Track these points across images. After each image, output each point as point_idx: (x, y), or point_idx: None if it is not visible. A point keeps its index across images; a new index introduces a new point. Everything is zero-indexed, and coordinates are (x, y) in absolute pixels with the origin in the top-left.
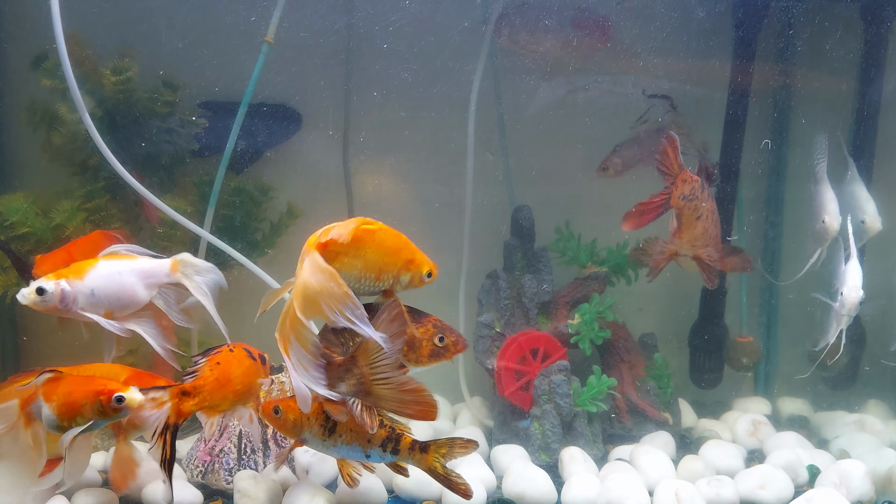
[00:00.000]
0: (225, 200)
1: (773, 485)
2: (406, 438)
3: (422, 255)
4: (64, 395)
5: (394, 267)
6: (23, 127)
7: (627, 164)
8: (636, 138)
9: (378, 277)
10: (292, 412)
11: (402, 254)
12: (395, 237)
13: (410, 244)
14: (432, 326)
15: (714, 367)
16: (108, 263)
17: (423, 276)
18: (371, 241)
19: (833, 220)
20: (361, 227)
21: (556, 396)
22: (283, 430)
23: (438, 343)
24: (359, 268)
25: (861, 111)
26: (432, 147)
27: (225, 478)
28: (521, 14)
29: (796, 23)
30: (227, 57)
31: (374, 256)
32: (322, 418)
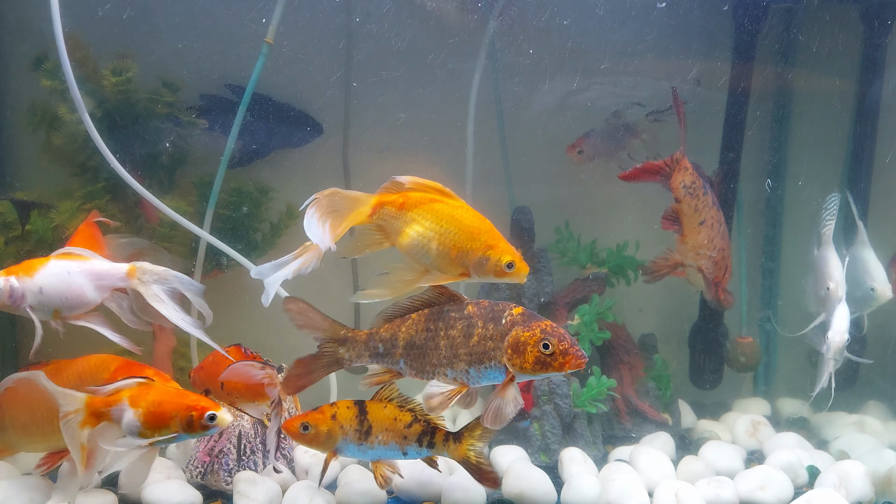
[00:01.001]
0: (224, 201)
1: (772, 485)
2: (440, 430)
3: (506, 244)
4: (154, 404)
5: (471, 246)
6: (23, 128)
7: (597, 151)
8: (608, 129)
9: (455, 255)
10: (323, 423)
11: (483, 236)
12: (478, 219)
13: (496, 232)
14: (539, 332)
15: (714, 368)
16: (59, 263)
17: (504, 265)
18: (446, 212)
19: (839, 288)
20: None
21: (555, 397)
22: (314, 445)
23: (543, 350)
24: (433, 237)
25: (861, 112)
26: (432, 147)
27: (224, 478)
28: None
29: (796, 24)
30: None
31: (450, 227)
32: (356, 422)
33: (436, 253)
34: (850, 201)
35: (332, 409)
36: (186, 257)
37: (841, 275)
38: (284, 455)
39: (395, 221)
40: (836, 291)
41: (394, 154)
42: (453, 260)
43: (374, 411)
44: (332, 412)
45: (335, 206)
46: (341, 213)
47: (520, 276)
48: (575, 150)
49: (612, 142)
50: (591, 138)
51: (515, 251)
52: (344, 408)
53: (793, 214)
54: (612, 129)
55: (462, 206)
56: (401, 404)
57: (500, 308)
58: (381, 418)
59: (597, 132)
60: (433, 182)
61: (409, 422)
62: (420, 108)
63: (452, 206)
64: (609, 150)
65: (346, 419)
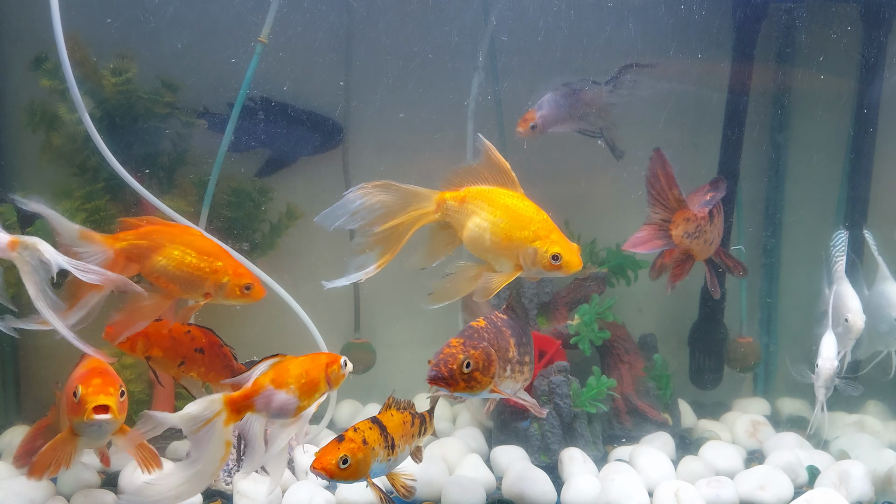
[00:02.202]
0: (224, 201)
1: (772, 485)
2: (425, 414)
3: (558, 236)
4: (302, 376)
5: (521, 235)
6: (22, 128)
7: (551, 123)
8: (559, 99)
9: (506, 245)
10: (359, 451)
11: (532, 225)
12: (531, 209)
13: (549, 223)
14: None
15: (714, 368)
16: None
17: (549, 258)
18: (500, 202)
19: (857, 318)
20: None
21: (555, 397)
22: (353, 476)
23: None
24: (487, 227)
25: (861, 112)
26: (432, 147)
27: (224, 478)
28: None
29: (796, 23)
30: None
31: (502, 217)
32: (383, 440)
33: (489, 243)
34: (868, 241)
35: (360, 435)
36: None
37: (858, 305)
38: None
39: (458, 215)
40: (856, 323)
41: (393, 153)
42: (505, 251)
43: (390, 423)
44: (360, 438)
45: (390, 202)
46: (396, 210)
47: (566, 269)
48: (528, 125)
49: (565, 112)
50: (542, 110)
51: (569, 244)
52: (367, 429)
53: (793, 214)
54: (563, 99)
55: (517, 196)
56: (398, 407)
57: None
58: (396, 427)
59: (547, 103)
60: (502, 162)
61: (412, 420)
62: (420, 107)
63: (507, 196)
64: (564, 121)
65: (375, 441)
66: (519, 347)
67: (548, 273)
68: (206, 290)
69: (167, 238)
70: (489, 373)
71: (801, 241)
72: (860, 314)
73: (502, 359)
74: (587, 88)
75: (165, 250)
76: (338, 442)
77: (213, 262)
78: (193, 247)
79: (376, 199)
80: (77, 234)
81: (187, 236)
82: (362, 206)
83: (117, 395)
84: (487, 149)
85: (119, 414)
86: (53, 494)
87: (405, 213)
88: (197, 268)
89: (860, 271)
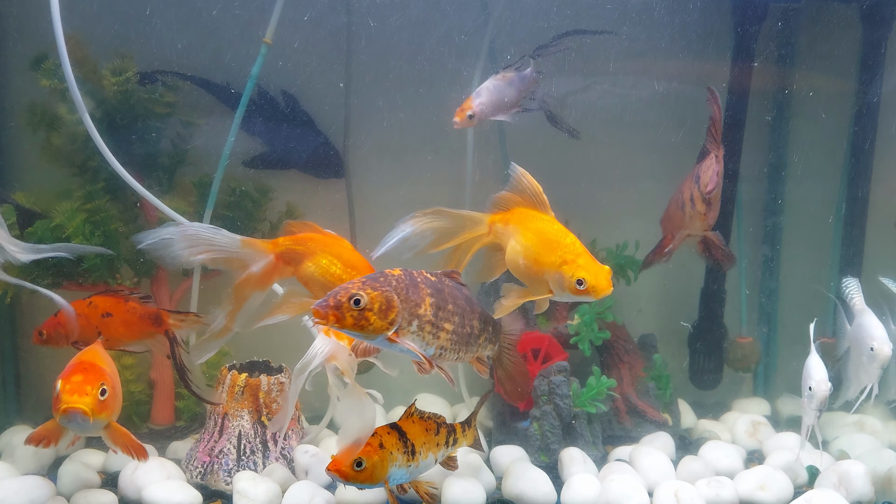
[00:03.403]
0: (224, 201)
1: (772, 485)
2: (457, 425)
3: (585, 260)
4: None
5: (549, 259)
6: (22, 128)
7: (489, 111)
8: (496, 85)
9: (536, 269)
10: (375, 454)
11: (559, 250)
12: (562, 233)
13: (578, 247)
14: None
15: (713, 368)
16: None
17: (574, 282)
18: (533, 226)
19: (883, 345)
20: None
21: (555, 397)
22: (369, 480)
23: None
24: (521, 251)
25: (861, 112)
26: (432, 147)
27: (224, 478)
28: None
29: (796, 24)
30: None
31: (532, 240)
32: (401, 445)
33: (523, 267)
34: (888, 285)
35: (376, 439)
36: None
37: (883, 333)
38: (284, 455)
39: (504, 238)
40: (881, 350)
41: (393, 153)
42: (536, 274)
43: (411, 429)
44: (377, 441)
45: (442, 228)
46: (449, 235)
47: (593, 294)
48: (465, 114)
49: (505, 96)
50: (481, 97)
51: (597, 267)
52: (385, 434)
53: (793, 214)
54: (503, 84)
55: (547, 220)
56: (422, 415)
57: None
58: (417, 434)
59: (486, 90)
60: (534, 186)
61: (436, 429)
62: (420, 107)
63: (538, 219)
64: (504, 107)
65: (392, 445)
66: (439, 311)
67: (577, 297)
68: None
69: (320, 246)
70: (386, 318)
71: (801, 241)
72: (886, 341)
73: (408, 311)
74: (526, 70)
75: (316, 258)
76: (354, 445)
77: (354, 277)
78: (341, 258)
79: (428, 226)
80: (239, 242)
81: (338, 247)
82: (413, 234)
83: (95, 394)
84: (520, 174)
85: (99, 412)
86: (54, 495)
87: (460, 237)
88: (339, 278)
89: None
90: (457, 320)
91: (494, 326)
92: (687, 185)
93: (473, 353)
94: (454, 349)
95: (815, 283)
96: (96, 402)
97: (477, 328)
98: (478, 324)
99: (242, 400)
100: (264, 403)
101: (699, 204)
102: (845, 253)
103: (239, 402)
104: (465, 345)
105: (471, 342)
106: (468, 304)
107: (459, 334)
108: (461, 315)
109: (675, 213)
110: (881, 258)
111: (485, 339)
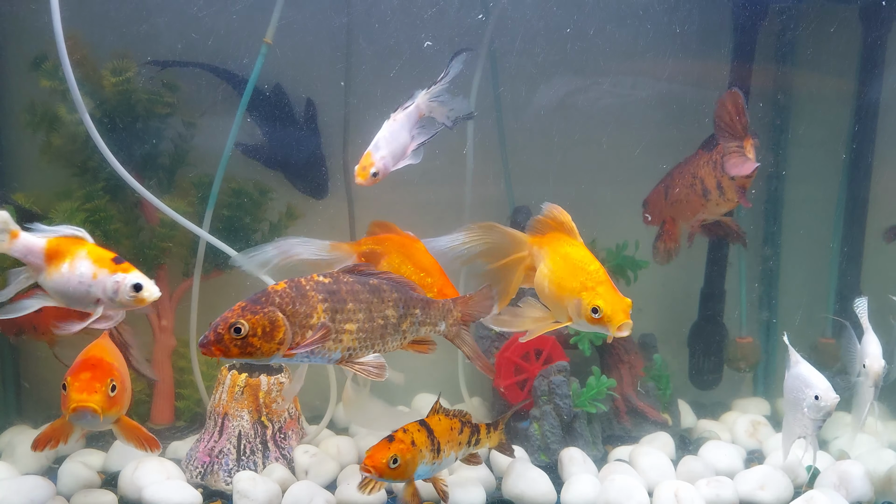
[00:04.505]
0: (224, 201)
1: (772, 485)
2: (482, 425)
3: (605, 289)
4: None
5: (570, 285)
6: (22, 128)
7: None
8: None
9: (558, 295)
10: (408, 452)
11: (580, 276)
12: (587, 260)
13: (600, 274)
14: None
15: (713, 368)
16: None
17: (590, 310)
18: (560, 250)
19: (874, 362)
20: (558, 232)
21: (555, 397)
22: (401, 476)
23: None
24: (546, 275)
25: (860, 112)
26: (432, 147)
27: (224, 479)
28: None
29: (795, 24)
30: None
31: (558, 266)
32: (430, 443)
33: (547, 291)
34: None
35: (408, 436)
36: (186, 258)
37: (876, 350)
38: (284, 455)
39: (538, 260)
40: (872, 367)
41: None
42: (558, 300)
43: (437, 427)
44: (409, 439)
45: (491, 242)
46: (496, 252)
47: (608, 324)
48: (368, 173)
49: (400, 140)
50: (381, 150)
51: (616, 298)
52: (416, 431)
53: (793, 214)
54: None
55: (577, 245)
56: (447, 413)
57: None
58: (443, 432)
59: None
60: (564, 214)
61: (460, 428)
62: None
63: (567, 244)
64: (402, 153)
65: (422, 443)
66: (336, 314)
67: (593, 327)
68: None
69: (395, 247)
70: (273, 339)
71: (801, 241)
72: (878, 358)
73: (299, 325)
74: (409, 105)
75: (390, 258)
76: (388, 442)
77: (424, 278)
78: (413, 259)
79: (479, 239)
80: (328, 246)
81: (411, 249)
82: (464, 242)
83: (105, 391)
84: (550, 207)
85: (109, 409)
86: (54, 495)
87: (507, 256)
88: (408, 279)
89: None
90: (361, 317)
91: (428, 307)
92: (705, 171)
93: (399, 341)
94: (366, 346)
95: (815, 283)
96: (106, 399)
97: (393, 316)
98: (393, 312)
99: (242, 400)
100: (264, 403)
101: (730, 192)
102: (845, 253)
103: (239, 402)
104: (381, 337)
105: (387, 332)
106: (375, 296)
107: (368, 330)
108: (367, 310)
109: (692, 199)
110: (881, 258)
111: (412, 324)
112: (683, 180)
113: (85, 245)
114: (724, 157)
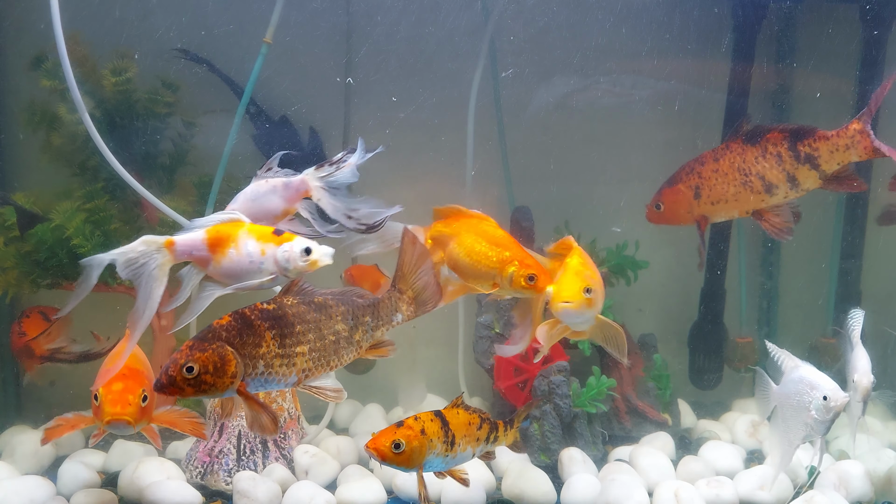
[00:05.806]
0: (225, 201)
1: (772, 485)
2: (500, 423)
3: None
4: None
5: (495, 258)
6: (22, 128)
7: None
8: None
9: (479, 266)
10: (415, 440)
11: (502, 251)
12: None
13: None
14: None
15: (713, 368)
16: None
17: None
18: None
19: (862, 378)
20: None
21: (555, 397)
22: (406, 464)
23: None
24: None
25: (860, 111)
26: (432, 147)
27: (224, 479)
28: None
29: (795, 24)
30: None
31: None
32: (442, 434)
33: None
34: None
35: (419, 424)
36: None
37: (865, 366)
38: (284, 455)
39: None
40: (860, 382)
41: (393, 153)
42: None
43: (454, 420)
44: (419, 427)
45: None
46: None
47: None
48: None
49: (265, 204)
50: (235, 204)
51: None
52: (428, 421)
53: None
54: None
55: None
56: (467, 408)
57: None
58: (459, 426)
59: (241, 197)
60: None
61: (479, 423)
62: (420, 107)
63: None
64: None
65: (434, 433)
66: (285, 339)
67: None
68: (494, 280)
69: (464, 227)
70: (225, 374)
71: (800, 241)
72: (867, 374)
73: (249, 356)
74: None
75: (460, 237)
76: (396, 427)
77: (501, 252)
78: (486, 236)
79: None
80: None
81: (483, 225)
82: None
83: (137, 402)
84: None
85: (141, 419)
86: (54, 495)
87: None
88: (485, 256)
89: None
90: (311, 337)
91: (376, 310)
92: (764, 166)
93: (354, 351)
94: (320, 364)
95: (815, 282)
96: (138, 411)
97: (344, 330)
98: (343, 325)
99: None
100: None
101: (808, 182)
102: (845, 253)
103: (238, 402)
104: (335, 353)
105: (340, 347)
106: (322, 314)
107: (320, 349)
108: (315, 329)
109: (744, 196)
110: (881, 258)
111: (365, 332)
112: (726, 178)
113: (242, 225)
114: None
